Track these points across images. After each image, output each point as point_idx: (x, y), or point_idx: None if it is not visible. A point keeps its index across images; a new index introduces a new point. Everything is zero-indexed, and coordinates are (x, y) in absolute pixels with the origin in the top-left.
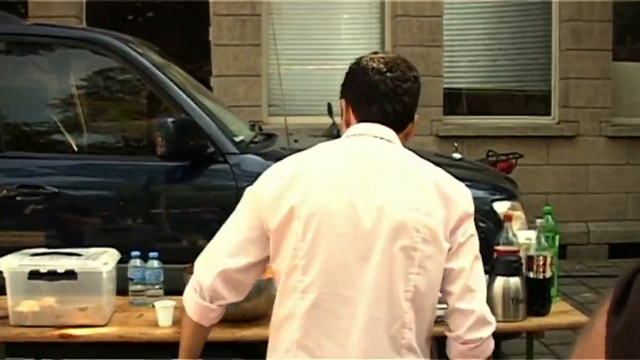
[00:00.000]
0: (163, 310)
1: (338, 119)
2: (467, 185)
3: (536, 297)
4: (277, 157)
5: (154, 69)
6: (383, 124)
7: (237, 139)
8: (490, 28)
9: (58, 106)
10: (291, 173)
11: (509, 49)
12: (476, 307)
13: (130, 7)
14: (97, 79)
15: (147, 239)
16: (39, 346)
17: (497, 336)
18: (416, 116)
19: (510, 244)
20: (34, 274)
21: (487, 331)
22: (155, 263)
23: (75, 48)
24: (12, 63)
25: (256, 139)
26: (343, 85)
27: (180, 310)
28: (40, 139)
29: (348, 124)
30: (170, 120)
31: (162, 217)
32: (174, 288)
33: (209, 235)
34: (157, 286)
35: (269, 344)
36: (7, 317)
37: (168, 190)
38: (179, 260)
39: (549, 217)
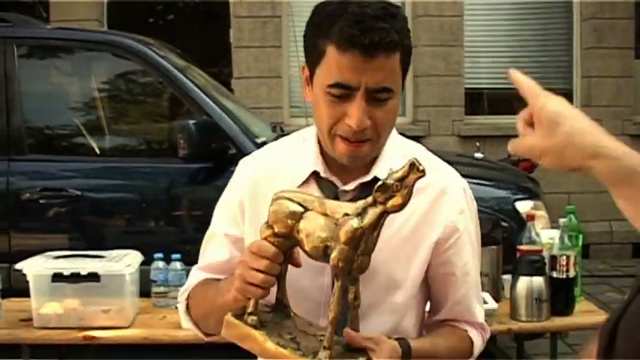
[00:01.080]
0: None
1: None
2: (489, 185)
3: (560, 297)
4: None
5: (175, 71)
6: None
7: (258, 141)
8: (511, 27)
9: (80, 109)
10: None
11: (531, 48)
12: None
13: (150, 10)
14: (119, 82)
15: (169, 241)
16: (62, 348)
17: (521, 336)
18: None
19: (533, 243)
20: (57, 277)
21: None
22: (178, 265)
23: (96, 51)
24: (34, 67)
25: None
26: None
27: None
28: (63, 142)
29: None
30: (192, 122)
31: (185, 219)
32: None
33: None
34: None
35: None
36: (31, 319)
37: (190, 192)
38: None
39: (572, 216)
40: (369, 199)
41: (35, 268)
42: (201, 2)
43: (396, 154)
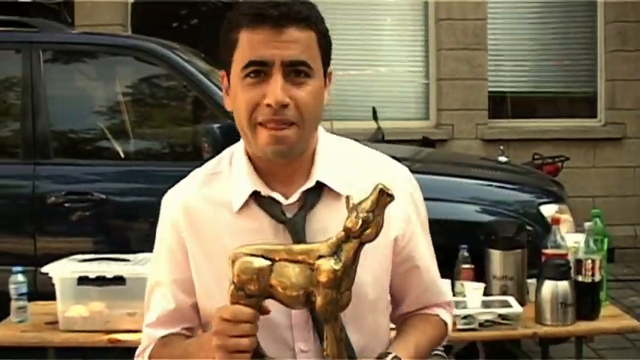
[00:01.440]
0: None
1: (383, 123)
2: (514, 189)
3: (585, 301)
4: None
5: (199, 75)
6: None
7: None
8: (534, 30)
9: (104, 113)
10: None
11: (555, 52)
12: None
13: (174, 14)
14: (143, 86)
15: None
16: (87, 350)
17: (546, 340)
18: None
19: (558, 247)
20: (83, 280)
21: None
22: None
23: (121, 55)
24: (59, 71)
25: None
26: None
27: None
28: (88, 146)
29: None
30: (216, 125)
31: None
32: None
33: None
34: None
35: None
36: (56, 322)
37: None
38: None
39: (598, 220)
40: (341, 234)
41: (61, 271)
42: (225, 6)
43: (332, 155)
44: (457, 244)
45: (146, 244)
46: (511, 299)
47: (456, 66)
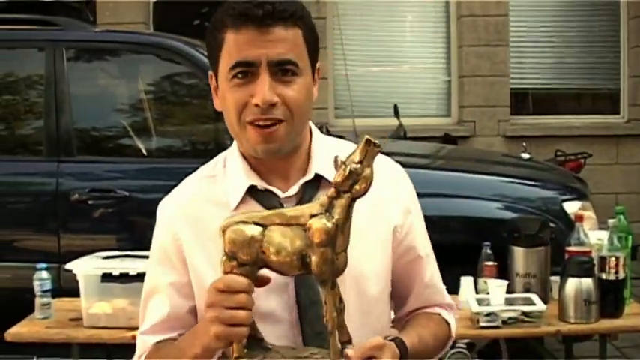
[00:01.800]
0: None
1: (405, 120)
2: (536, 186)
3: (609, 298)
4: None
5: None
6: None
7: None
8: (556, 26)
9: (127, 111)
10: None
11: (577, 48)
12: None
13: (196, 12)
14: (165, 84)
15: None
16: (111, 347)
17: (570, 337)
18: None
19: (582, 244)
20: (107, 277)
21: None
22: None
23: (143, 53)
24: (83, 69)
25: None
26: None
27: None
28: (111, 143)
29: None
30: None
31: None
32: None
33: None
34: None
35: None
36: (80, 319)
37: None
38: None
39: (622, 217)
40: (331, 191)
41: (85, 268)
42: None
43: (327, 149)
44: (480, 242)
45: None
46: (534, 297)
47: (478, 63)
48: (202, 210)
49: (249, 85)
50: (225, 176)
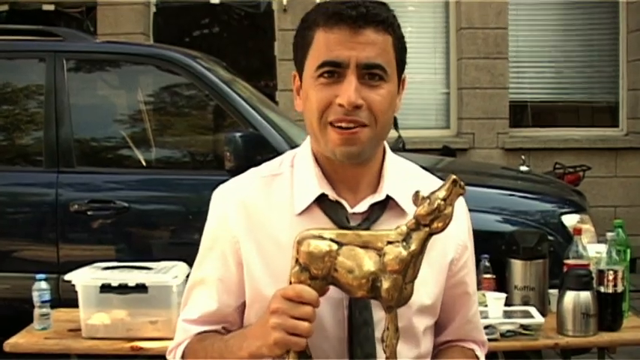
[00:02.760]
0: None
1: (404, 132)
2: (535, 198)
3: (607, 312)
4: None
5: (221, 84)
6: None
7: None
8: (556, 39)
9: (127, 122)
10: None
11: (576, 61)
12: None
13: (196, 24)
14: (165, 95)
15: None
16: (110, 358)
17: (568, 351)
18: None
19: (580, 257)
20: (105, 288)
21: None
22: None
23: (144, 64)
24: (83, 80)
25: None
26: None
27: None
28: (110, 154)
29: None
30: (238, 134)
31: None
32: None
33: None
34: None
35: None
36: (79, 329)
37: None
38: None
39: (620, 230)
40: (411, 222)
41: (84, 278)
42: (247, 15)
43: (398, 170)
44: (478, 254)
45: (168, 252)
46: (532, 309)
47: (477, 75)
48: (264, 211)
49: (334, 85)
50: (293, 177)
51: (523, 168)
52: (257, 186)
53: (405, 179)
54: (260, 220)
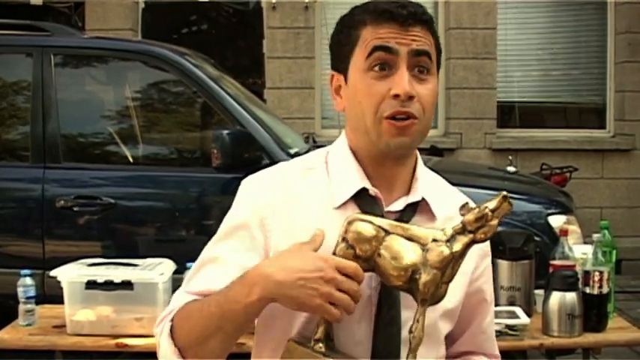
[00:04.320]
0: None
1: None
2: (522, 199)
3: (593, 313)
4: None
5: (209, 81)
6: None
7: (291, 151)
8: (544, 40)
9: (114, 118)
10: None
11: (564, 62)
12: None
13: (185, 20)
14: (153, 92)
15: (201, 250)
16: (95, 355)
17: (553, 351)
18: None
19: (566, 258)
20: (91, 284)
21: None
22: None
23: (131, 60)
24: (70, 75)
25: (310, 152)
26: None
27: None
28: (97, 150)
29: None
30: (226, 132)
31: (217, 229)
32: None
33: None
34: None
35: None
36: (64, 326)
37: (223, 202)
38: None
39: (606, 231)
40: (458, 226)
41: (69, 275)
42: (235, 13)
43: (428, 174)
44: None
45: (154, 248)
46: (518, 310)
47: (465, 75)
48: (300, 203)
49: (386, 78)
50: (330, 172)
51: (510, 168)
52: (293, 177)
53: (434, 185)
54: (296, 212)
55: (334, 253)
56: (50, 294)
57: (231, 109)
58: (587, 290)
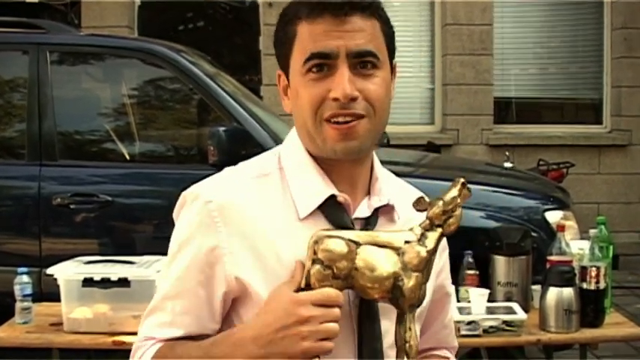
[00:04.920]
0: None
1: (388, 128)
2: (519, 195)
3: (590, 308)
4: None
5: (206, 78)
6: None
7: None
8: (540, 36)
9: (111, 115)
10: None
11: (560, 58)
12: None
13: (181, 17)
14: (149, 89)
15: None
16: (91, 352)
17: (550, 347)
18: None
19: (563, 254)
20: (87, 282)
21: None
22: None
23: (128, 58)
24: (66, 72)
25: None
26: None
27: None
28: (94, 147)
29: None
30: (222, 129)
31: None
32: None
33: None
34: None
35: None
36: (61, 324)
37: None
38: None
39: (603, 227)
40: (425, 222)
41: (66, 272)
42: (232, 10)
43: (385, 174)
44: (462, 250)
45: (151, 246)
46: (515, 306)
47: (462, 71)
48: (259, 216)
49: (326, 79)
50: (287, 177)
51: (507, 164)
52: (247, 187)
53: (392, 184)
54: (255, 228)
55: (307, 279)
56: (47, 292)
57: (227, 106)
58: (584, 286)
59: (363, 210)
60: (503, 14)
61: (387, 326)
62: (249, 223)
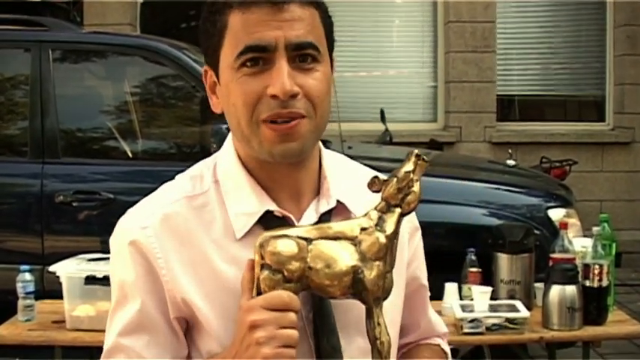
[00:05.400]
0: None
1: (391, 125)
2: (522, 192)
3: (593, 306)
4: None
5: None
6: None
7: None
8: (543, 33)
9: (113, 113)
10: None
11: (563, 55)
12: None
13: (183, 15)
14: (152, 86)
15: None
16: (94, 350)
17: (553, 344)
18: None
19: (566, 251)
20: (90, 279)
21: None
22: None
23: (130, 55)
24: (69, 70)
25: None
26: None
27: None
28: (96, 145)
29: None
30: (225, 126)
31: None
32: None
33: None
34: None
35: None
36: (63, 321)
37: None
38: None
39: (606, 224)
40: (381, 204)
41: (68, 270)
42: None
43: (336, 168)
44: (464, 248)
45: None
46: (518, 303)
47: (465, 68)
48: (193, 244)
49: (262, 74)
50: (223, 196)
51: (510, 162)
52: (185, 210)
53: (346, 178)
54: (192, 254)
55: (258, 288)
56: (49, 289)
57: None
58: (587, 283)
59: (310, 217)
60: (506, 11)
61: (346, 341)
62: (187, 247)
